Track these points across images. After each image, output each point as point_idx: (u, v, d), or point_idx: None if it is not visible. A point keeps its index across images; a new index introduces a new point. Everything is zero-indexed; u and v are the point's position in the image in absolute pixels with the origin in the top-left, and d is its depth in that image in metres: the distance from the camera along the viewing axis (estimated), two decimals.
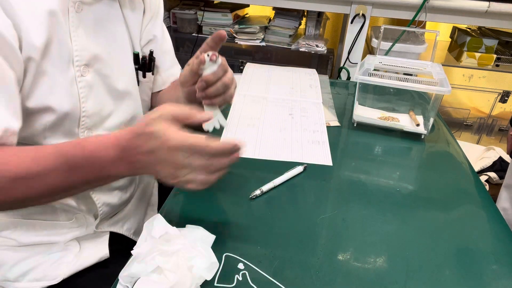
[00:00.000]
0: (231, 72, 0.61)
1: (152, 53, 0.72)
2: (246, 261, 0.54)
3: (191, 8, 1.68)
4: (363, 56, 1.52)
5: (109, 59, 0.62)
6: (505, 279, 0.54)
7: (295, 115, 0.95)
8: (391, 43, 1.41)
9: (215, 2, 1.75)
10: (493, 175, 1.29)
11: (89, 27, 0.58)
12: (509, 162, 1.28)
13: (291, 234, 0.59)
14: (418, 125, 0.91)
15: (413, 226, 0.63)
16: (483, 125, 1.67)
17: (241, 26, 1.60)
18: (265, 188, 0.68)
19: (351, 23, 1.40)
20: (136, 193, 0.79)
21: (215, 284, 0.50)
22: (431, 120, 0.89)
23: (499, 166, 1.31)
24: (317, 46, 1.56)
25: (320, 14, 1.63)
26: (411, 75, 0.93)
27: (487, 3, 1.28)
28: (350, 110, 1.00)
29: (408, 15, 1.35)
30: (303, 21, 1.69)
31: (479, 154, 1.40)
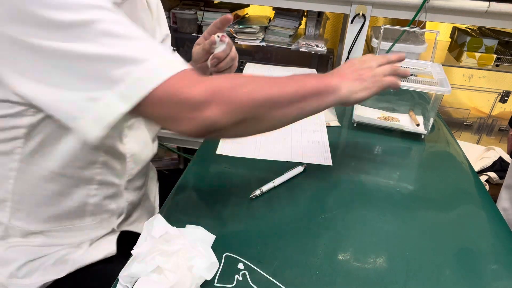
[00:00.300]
0: (234, 47, 0.74)
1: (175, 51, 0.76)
2: (246, 261, 0.54)
3: (191, 8, 1.68)
4: None
5: None
6: (505, 279, 0.54)
7: None
8: (391, 43, 1.41)
9: (215, 2, 1.75)
10: (493, 175, 1.29)
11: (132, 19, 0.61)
12: (509, 162, 1.28)
13: (291, 234, 0.59)
14: (418, 125, 0.91)
15: (413, 226, 0.63)
16: (483, 125, 1.67)
17: (241, 26, 1.60)
18: (265, 188, 0.68)
19: (351, 23, 1.39)
20: (145, 194, 0.81)
21: (215, 284, 0.50)
22: (431, 120, 0.89)
23: (499, 166, 1.31)
24: (317, 46, 1.55)
25: (320, 14, 1.62)
26: (411, 75, 0.93)
27: (487, 3, 1.28)
28: (350, 110, 1.00)
29: (408, 15, 1.35)
30: (303, 21, 1.69)
31: (479, 154, 1.40)
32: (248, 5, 1.80)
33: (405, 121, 0.96)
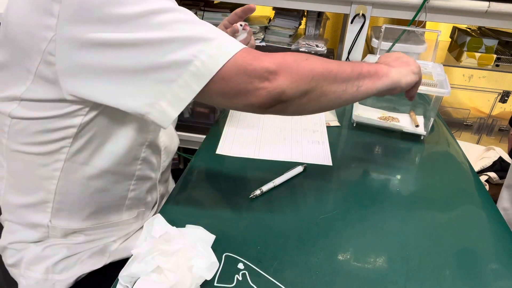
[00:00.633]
0: (253, 36, 0.79)
1: None
2: (246, 261, 0.54)
3: (191, 8, 1.68)
4: (363, 56, 1.52)
5: None
6: (505, 279, 0.54)
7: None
8: (391, 43, 1.41)
9: (215, 2, 1.75)
10: (493, 175, 1.29)
11: None
12: (510, 162, 1.28)
13: (291, 234, 0.59)
14: (417, 126, 0.91)
15: (413, 226, 0.63)
16: (483, 125, 1.67)
17: None
18: (265, 188, 0.68)
19: (351, 23, 1.39)
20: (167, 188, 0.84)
21: (215, 284, 0.50)
22: (431, 120, 0.89)
23: (499, 166, 1.31)
24: (317, 46, 1.55)
25: (320, 14, 1.62)
26: None
27: (487, 3, 1.28)
28: (350, 110, 1.00)
29: (408, 15, 1.35)
30: (303, 21, 1.69)
31: (479, 154, 1.40)
32: None
33: (405, 121, 0.95)
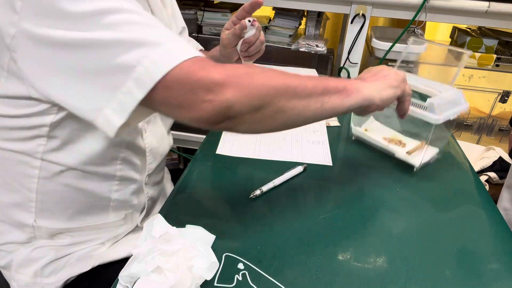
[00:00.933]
0: (262, 31, 0.76)
1: None
2: (246, 261, 0.54)
3: (191, 8, 1.68)
4: (363, 56, 1.52)
5: None
6: (505, 279, 0.54)
7: None
8: (391, 43, 1.41)
9: (215, 2, 1.75)
10: (493, 175, 1.29)
11: None
12: (510, 162, 1.28)
13: (291, 234, 0.59)
14: (408, 152, 0.79)
15: (413, 226, 0.63)
16: (483, 125, 1.67)
17: None
18: (265, 188, 0.68)
19: (351, 23, 1.39)
20: (162, 191, 0.83)
21: (215, 284, 0.50)
22: (424, 149, 0.77)
23: (499, 166, 1.31)
24: (317, 46, 1.55)
25: (320, 14, 1.62)
26: (423, 98, 0.73)
27: (487, 3, 1.28)
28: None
29: (408, 15, 1.35)
30: (303, 21, 1.69)
31: (479, 154, 1.40)
32: None
33: (410, 147, 0.81)
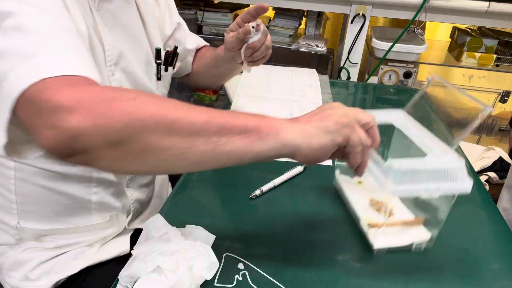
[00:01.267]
0: (269, 35, 0.70)
1: (176, 49, 0.74)
2: (246, 261, 0.54)
3: (191, 8, 1.68)
4: (363, 56, 1.52)
5: (131, 56, 0.63)
6: (505, 279, 0.54)
7: (295, 115, 0.94)
8: (391, 43, 1.41)
9: (215, 2, 1.75)
10: (493, 175, 1.29)
11: (110, 25, 0.59)
12: (510, 162, 1.28)
13: (291, 234, 0.59)
14: (370, 225, 0.58)
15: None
16: (483, 125, 1.67)
17: None
18: (265, 188, 0.68)
19: (351, 23, 1.40)
20: (155, 192, 0.82)
21: (215, 284, 0.50)
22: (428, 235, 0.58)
23: (499, 166, 1.31)
24: (317, 46, 1.55)
25: (320, 14, 1.63)
26: None
27: (487, 3, 1.28)
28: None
29: (408, 15, 1.35)
30: (303, 21, 1.69)
31: (479, 154, 1.40)
32: (248, 5, 1.79)
33: (398, 217, 0.61)
